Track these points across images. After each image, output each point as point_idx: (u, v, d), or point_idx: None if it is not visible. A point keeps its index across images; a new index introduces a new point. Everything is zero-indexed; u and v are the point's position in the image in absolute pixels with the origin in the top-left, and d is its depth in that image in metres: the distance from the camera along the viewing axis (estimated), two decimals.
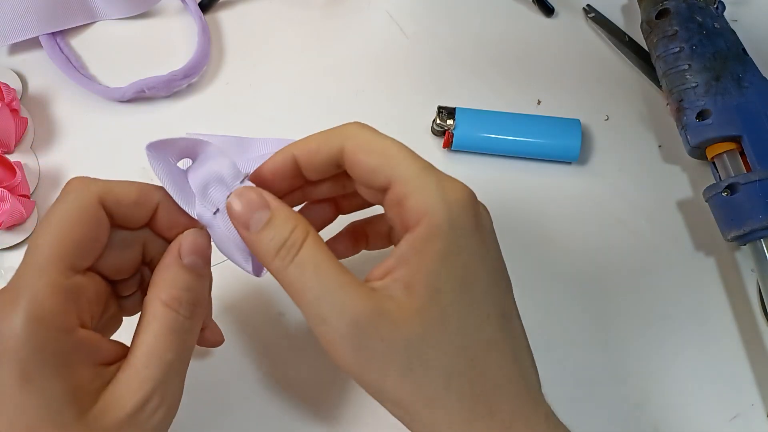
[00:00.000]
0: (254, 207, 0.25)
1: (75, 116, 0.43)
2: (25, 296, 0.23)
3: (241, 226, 0.26)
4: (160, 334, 0.25)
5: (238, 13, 0.47)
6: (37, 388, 0.23)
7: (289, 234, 0.25)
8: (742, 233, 0.37)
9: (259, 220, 0.25)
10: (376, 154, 0.26)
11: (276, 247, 0.25)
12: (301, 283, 0.24)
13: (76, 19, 0.45)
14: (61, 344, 0.24)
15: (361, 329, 0.23)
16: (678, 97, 0.40)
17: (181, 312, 0.26)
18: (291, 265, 0.24)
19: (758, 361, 0.38)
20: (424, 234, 0.24)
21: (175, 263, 0.26)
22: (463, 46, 0.46)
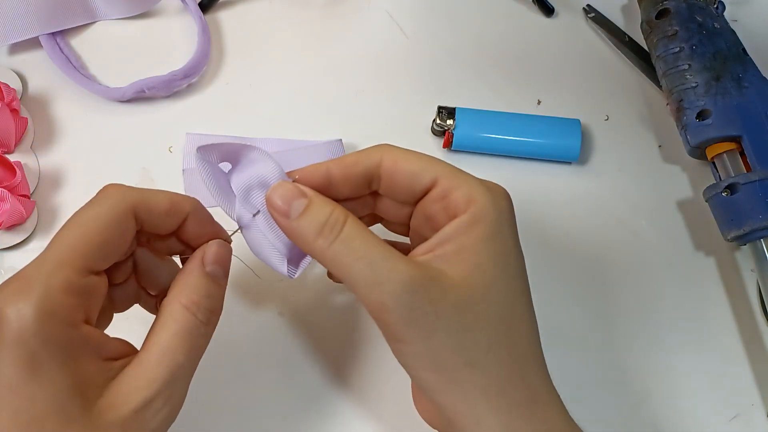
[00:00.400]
0: (292, 196, 0.27)
1: (75, 116, 0.43)
2: (38, 288, 0.24)
3: (281, 216, 0.27)
4: (176, 335, 0.26)
5: (238, 13, 0.47)
6: (44, 378, 0.23)
7: (329, 215, 0.26)
8: (742, 233, 0.37)
9: (298, 207, 0.27)
10: (416, 161, 0.28)
11: (317, 228, 0.26)
12: (351, 255, 0.26)
13: (76, 19, 0.45)
14: (69, 338, 0.24)
15: (413, 291, 0.25)
16: (678, 97, 0.40)
17: (199, 316, 0.27)
18: (336, 241, 0.26)
19: (758, 361, 0.38)
20: (471, 218, 0.27)
21: (198, 270, 0.28)
22: (463, 46, 0.46)
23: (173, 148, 0.42)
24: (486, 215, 0.27)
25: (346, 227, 0.26)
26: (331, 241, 0.26)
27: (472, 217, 0.27)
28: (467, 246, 0.26)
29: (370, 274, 0.25)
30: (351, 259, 0.26)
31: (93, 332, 0.25)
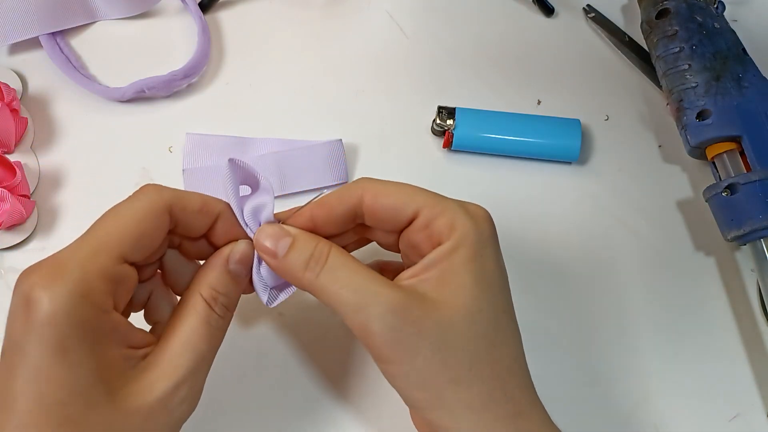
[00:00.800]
0: (278, 237, 0.29)
1: (75, 116, 0.43)
2: (74, 272, 0.24)
3: (269, 257, 0.29)
4: (197, 326, 0.27)
5: (238, 13, 0.47)
6: (71, 362, 0.23)
7: (313, 249, 0.28)
8: (742, 233, 0.37)
9: (284, 246, 0.28)
10: (396, 194, 0.29)
11: (304, 263, 0.28)
12: (336, 283, 0.27)
13: (76, 19, 0.45)
14: (100, 323, 0.25)
15: (396, 314, 0.26)
16: (678, 97, 0.40)
17: (216, 310, 0.28)
18: (322, 272, 0.28)
19: (758, 361, 0.38)
20: (453, 244, 0.28)
21: (221, 266, 0.29)
22: (463, 46, 0.46)
23: (173, 148, 0.42)
24: (467, 239, 0.28)
25: (330, 258, 0.28)
26: (318, 273, 0.28)
27: (454, 243, 0.28)
28: (449, 269, 0.28)
29: (354, 299, 0.27)
30: (336, 287, 0.27)
31: (121, 320, 0.26)
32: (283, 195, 0.41)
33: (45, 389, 0.23)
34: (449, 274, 0.27)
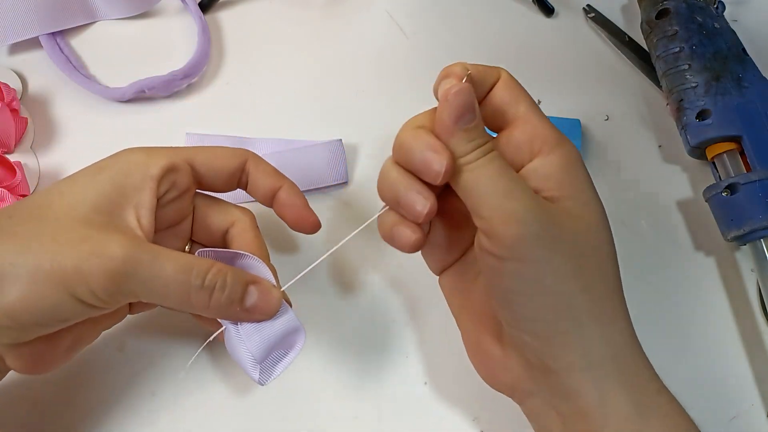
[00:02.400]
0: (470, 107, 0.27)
1: (75, 116, 0.43)
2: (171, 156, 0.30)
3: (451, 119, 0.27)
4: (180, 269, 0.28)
5: (238, 13, 0.47)
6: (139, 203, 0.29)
7: (485, 140, 0.27)
8: (742, 233, 0.37)
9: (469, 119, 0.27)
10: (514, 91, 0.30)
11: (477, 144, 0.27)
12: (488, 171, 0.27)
13: (76, 19, 0.45)
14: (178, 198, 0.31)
15: (542, 209, 0.27)
16: (678, 97, 0.40)
17: (195, 282, 0.28)
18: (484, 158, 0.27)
19: (758, 361, 0.38)
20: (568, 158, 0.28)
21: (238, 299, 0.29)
22: (463, 46, 0.46)
23: None
24: (578, 162, 0.29)
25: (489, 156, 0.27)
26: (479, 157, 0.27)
27: (565, 158, 0.28)
28: (573, 185, 0.28)
29: (508, 184, 0.26)
30: (491, 170, 0.27)
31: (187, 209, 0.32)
32: None
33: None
34: (578, 189, 0.28)
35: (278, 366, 0.30)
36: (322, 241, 0.40)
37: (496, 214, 0.26)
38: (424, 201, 0.27)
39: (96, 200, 0.28)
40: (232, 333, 0.29)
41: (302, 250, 0.40)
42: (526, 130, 0.29)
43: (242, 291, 0.29)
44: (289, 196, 0.33)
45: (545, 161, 0.28)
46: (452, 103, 0.27)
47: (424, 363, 0.37)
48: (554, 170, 0.28)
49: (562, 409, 0.28)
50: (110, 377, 0.36)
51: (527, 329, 0.28)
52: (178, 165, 0.30)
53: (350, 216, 0.41)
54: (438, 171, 0.27)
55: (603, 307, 0.27)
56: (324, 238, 0.40)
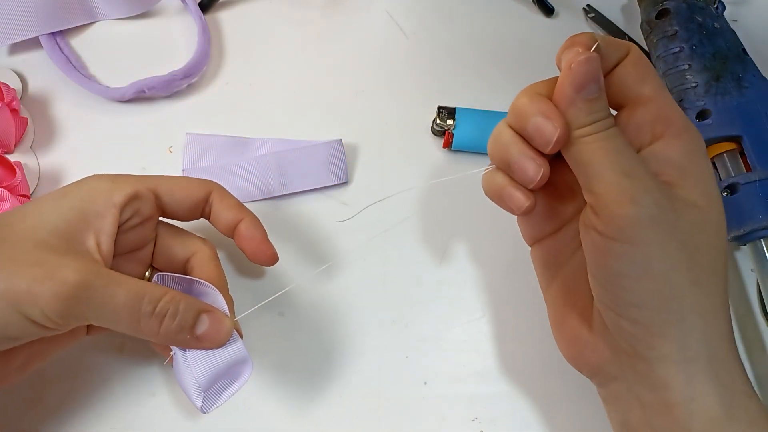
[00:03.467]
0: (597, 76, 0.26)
1: (75, 116, 0.43)
2: (135, 184, 0.31)
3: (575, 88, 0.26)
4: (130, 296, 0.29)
5: (238, 13, 0.47)
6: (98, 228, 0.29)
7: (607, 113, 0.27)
8: (742, 233, 0.37)
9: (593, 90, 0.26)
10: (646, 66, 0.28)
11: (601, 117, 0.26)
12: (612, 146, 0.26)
13: (76, 19, 0.45)
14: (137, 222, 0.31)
15: (661, 192, 0.26)
16: (678, 97, 0.40)
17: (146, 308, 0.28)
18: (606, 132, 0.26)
19: (758, 361, 0.38)
20: (692, 147, 0.27)
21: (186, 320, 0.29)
22: (463, 46, 0.46)
23: (173, 148, 0.42)
24: (703, 151, 0.27)
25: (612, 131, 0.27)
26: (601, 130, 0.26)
27: (690, 146, 0.27)
28: (694, 172, 0.27)
29: (626, 162, 0.26)
30: (610, 145, 0.26)
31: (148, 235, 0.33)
32: (283, 195, 0.41)
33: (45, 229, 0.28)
34: (704, 181, 0.27)
35: (222, 395, 0.31)
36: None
37: (611, 191, 0.25)
38: (536, 167, 0.27)
39: (57, 224, 0.28)
40: (179, 359, 0.30)
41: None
42: (651, 110, 0.27)
43: (194, 319, 0.29)
44: (249, 229, 0.34)
45: (668, 145, 0.27)
46: (576, 71, 0.26)
47: (424, 363, 0.37)
48: (677, 156, 0.27)
49: (645, 399, 0.27)
50: (110, 377, 0.36)
51: (628, 314, 0.27)
52: (142, 193, 0.31)
53: (350, 216, 0.41)
54: (548, 139, 0.26)
55: (709, 304, 0.26)
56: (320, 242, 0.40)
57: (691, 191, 0.27)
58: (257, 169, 0.41)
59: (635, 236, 0.25)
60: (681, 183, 0.27)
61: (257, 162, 0.41)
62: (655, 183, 0.26)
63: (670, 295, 0.26)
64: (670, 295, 0.26)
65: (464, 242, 0.41)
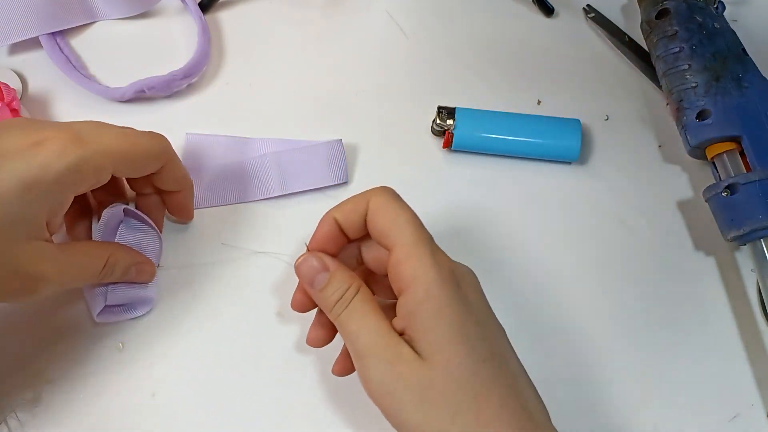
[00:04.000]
0: (317, 270, 0.31)
1: (75, 116, 0.43)
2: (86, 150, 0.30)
3: (307, 284, 0.32)
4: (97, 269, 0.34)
5: (238, 13, 0.47)
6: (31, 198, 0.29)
7: (344, 291, 0.30)
8: (742, 233, 0.37)
9: (321, 281, 0.31)
10: (387, 218, 0.30)
11: (334, 300, 0.31)
12: (351, 325, 0.30)
13: (76, 19, 0.45)
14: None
15: (387, 368, 0.28)
16: (678, 97, 0.40)
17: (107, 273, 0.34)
18: (344, 312, 0.30)
19: (758, 361, 0.38)
20: (417, 297, 0.28)
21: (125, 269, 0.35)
22: (463, 46, 0.46)
23: None
24: (429, 293, 0.28)
25: (352, 303, 0.30)
26: (340, 312, 0.30)
27: (418, 294, 0.28)
28: (423, 324, 0.28)
29: (356, 346, 0.29)
30: (351, 328, 0.30)
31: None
32: (283, 195, 0.41)
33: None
34: (420, 332, 0.28)
35: (118, 316, 0.37)
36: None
37: (359, 372, 0.29)
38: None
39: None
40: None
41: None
42: (391, 263, 0.30)
43: (125, 272, 0.35)
44: (186, 198, 0.38)
45: (404, 298, 0.29)
46: (300, 273, 0.32)
47: None
48: (408, 310, 0.29)
49: None
50: (110, 377, 0.36)
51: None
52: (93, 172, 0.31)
53: None
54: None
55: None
56: None
57: (421, 344, 0.28)
58: (257, 169, 0.41)
59: (379, 405, 0.29)
60: (416, 336, 0.28)
61: (257, 162, 0.41)
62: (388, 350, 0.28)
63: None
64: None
65: (464, 242, 0.41)
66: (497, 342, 0.30)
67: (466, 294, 0.29)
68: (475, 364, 0.28)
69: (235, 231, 0.40)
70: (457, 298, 0.29)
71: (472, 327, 0.29)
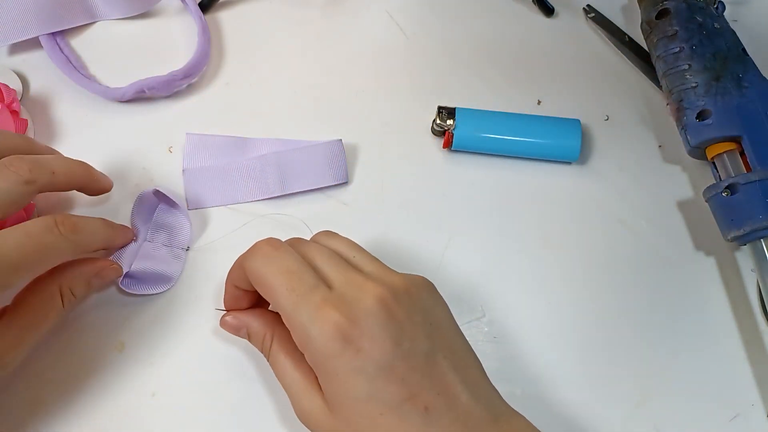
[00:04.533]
0: (237, 328, 0.35)
1: (75, 116, 0.43)
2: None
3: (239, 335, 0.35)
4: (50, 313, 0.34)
5: (238, 13, 0.47)
6: None
7: (261, 342, 0.34)
8: (742, 233, 0.37)
9: (243, 335, 0.35)
10: (260, 284, 0.31)
11: (259, 349, 0.34)
12: (274, 369, 0.33)
13: (76, 19, 0.45)
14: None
15: (304, 410, 0.31)
16: (678, 97, 0.40)
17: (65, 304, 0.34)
18: (268, 358, 0.33)
19: (758, 361, 0.38)
20: (310, 360, 0.29)
21: (87, 276, 0.35)
22: (463, 46, 0.46)
23: (173, 148, 0.42)
24: (317, 365, 0.29)
25: (271, 351, 0.33)
26: (267, 357, 0.33)
27: (309, 360, 0.29)
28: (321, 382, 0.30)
29: (285, 386, 0.32)
30: (276, 371, 0.33)
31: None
32: (283, 195, 0.41)
33: None
34: (324, 386, 0.29)
35: (139, 288, 0.38)
36: None
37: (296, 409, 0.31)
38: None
39: None
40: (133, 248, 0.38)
41: None
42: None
43: (86, 289, 0.35)
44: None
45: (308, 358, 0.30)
46: (226, 330, 0.35)
47: None
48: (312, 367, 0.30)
49: None
50: (110, 377, 0.36)
51: None
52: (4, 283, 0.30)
53: (350, 216, 0.41)
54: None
55: None
56: None
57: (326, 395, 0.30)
58: (257, 169, 0.41)
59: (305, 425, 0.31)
60: (321, 386, 0.30)
61: (257, 162, 0.41)
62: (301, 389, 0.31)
63: None
64: None
65: (463, 242, 0.41)
66: (398, 386, 0.28)
67: (360, 344, 0.28)
68: (374, 418, 0.28)
69: (234, 231, 0.40)
70: (349, 359, 0.28)
71: (360, 384, 0.28)
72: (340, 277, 0.30)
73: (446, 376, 0.29)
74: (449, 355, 0.30)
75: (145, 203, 0.39)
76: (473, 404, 0.29)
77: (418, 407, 0.28)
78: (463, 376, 0.30)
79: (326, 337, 0.28)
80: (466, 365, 0.31)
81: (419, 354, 0.29)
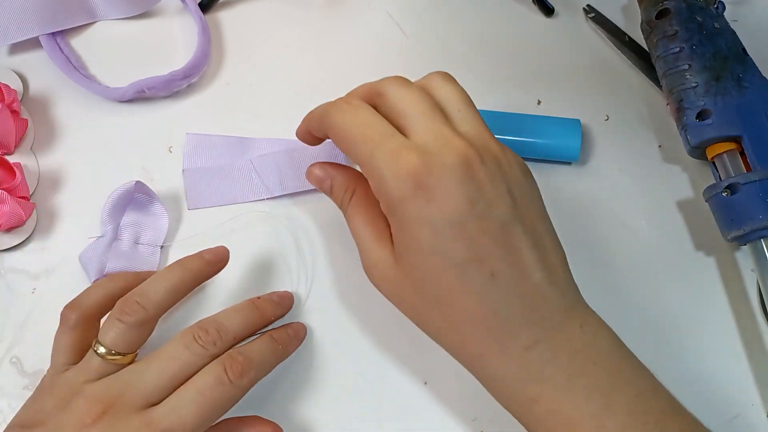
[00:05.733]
0: (321, 179, 0.35)
1: (75, 116, 0.43)
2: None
3: (319, 188, 0.36)
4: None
5: (238, 13, 0.47)
6: None
7: (342, 196, 0.34)
8: (742, 233, 0.37)
9: (326, 187, 0.35)
10: (338, 138, 0.31)
11: (339, 202, 0.34)
12: (349, 225, 0.33)
13: (76, 19, 0.45)
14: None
15: (373, 265, 0.31)
16: (678, 97, 0.40)
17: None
18: (345, 213, 0.34)
19: (758, 361, 0.38)
20: (384, 208, 0.30)
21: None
22: (463, 46, 0.46)
23: (173, 148, 0.42)
24: (391, 207, 0.29)
25: (351, 205, 0.33)
26: (344, 212, 0.34)
27: (385, 208, 0.29)
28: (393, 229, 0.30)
29: (357, 242, 0.32)
30: (351, 227, 0.33)
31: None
32: (283, 195, 0.41)
33: None
34: (394, 234, 0.30)
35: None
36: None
37: (363, 261, 0.32)
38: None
39: None
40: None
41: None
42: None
43: None
44: None
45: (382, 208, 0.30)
46: (310, 181, 0.36)
47: (424, 363, 0.37)
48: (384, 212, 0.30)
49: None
50: None
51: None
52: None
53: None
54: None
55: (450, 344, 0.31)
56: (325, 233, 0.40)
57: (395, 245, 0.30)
58: (257, 169, 0.41)
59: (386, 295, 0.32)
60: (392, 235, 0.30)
61: (257, 162, 0.41)
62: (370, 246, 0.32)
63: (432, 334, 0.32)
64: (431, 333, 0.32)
65: None
66: (477, 239, 0.27)
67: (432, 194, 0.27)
68: (436, 273, 0.28)
69: (234, 231, 0.40)
70: (419, 207, 0.27)
71: (435, 233, 0.27)
72: (426, 130, 0.29)
73: (521, 251, 0.28)
74: (529, 232, 0.29)
75: (122, 199, 0.39)
76: (546, 286, 0.28)
77: (483, 272, 0.27)
78: (541, 255, 0.29)
79: (399, 180, 0.28)
80: (547, 248, 0.30)
81: (495, 219, 0.28)
